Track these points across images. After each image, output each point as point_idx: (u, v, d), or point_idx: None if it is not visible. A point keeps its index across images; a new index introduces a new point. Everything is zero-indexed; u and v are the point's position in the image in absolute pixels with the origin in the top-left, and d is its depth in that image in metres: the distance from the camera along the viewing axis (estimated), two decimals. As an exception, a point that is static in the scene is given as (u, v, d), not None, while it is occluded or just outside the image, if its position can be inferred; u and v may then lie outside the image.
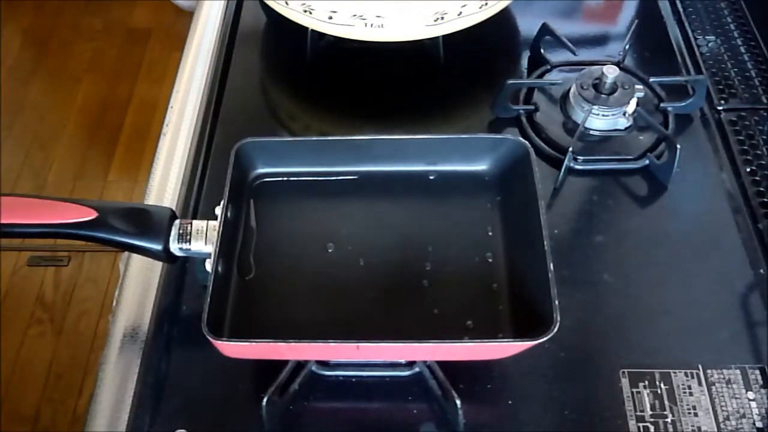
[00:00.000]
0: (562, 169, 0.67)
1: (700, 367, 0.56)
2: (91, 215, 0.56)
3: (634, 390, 0.55)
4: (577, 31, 0.83)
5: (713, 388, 0.55)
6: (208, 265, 0.56)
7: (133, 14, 2.24)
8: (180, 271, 0.63)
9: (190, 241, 0.57)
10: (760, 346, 0.58)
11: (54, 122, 1.99)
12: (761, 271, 0.62)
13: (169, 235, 0.57)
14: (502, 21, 0.82)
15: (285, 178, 0.65)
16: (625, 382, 0.56)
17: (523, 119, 0.73)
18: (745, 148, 0.71)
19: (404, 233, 0.62)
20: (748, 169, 0.69)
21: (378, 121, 0.76)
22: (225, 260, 0.57)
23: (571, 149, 0.68)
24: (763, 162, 0.70)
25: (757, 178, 0.69)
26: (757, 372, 0.56)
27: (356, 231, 0.62)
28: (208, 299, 0.51)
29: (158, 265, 0.64)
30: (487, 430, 0.55)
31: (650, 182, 0.69)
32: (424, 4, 0.70)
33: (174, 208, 0.64)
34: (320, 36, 0.78)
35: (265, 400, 0.53)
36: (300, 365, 0.56)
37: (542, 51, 0.78)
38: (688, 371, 0.56)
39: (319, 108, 0.78)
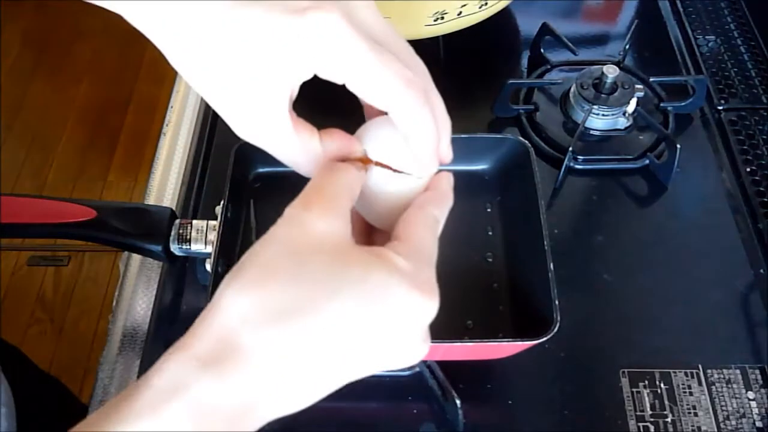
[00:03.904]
0: (562, 169, 0.67)
1: (700, 367, 0.56)
2: (90, 215, 0.56)
3: (634, 390, 0.55)
4: (577, 30, 0.83)
5: (713, 387, 0.55)
6: (208, 265, 0.56)
7: (133, 14, 2.24)
8: (180, 271, 0.63)
9: (189, 241, 0.57)
10: (760, 346, 0.58)
11: (54, 122, 1.99)
12: (761, 271, 0.62)
13: (169, 235, 0.57)
14: (502, 21, 0.82)
15: (285, 178, 0.65)
16: (625, 382, 0.56)
17: (523, 119, 0.73)
18: (745, 148, 0.71)
19: (404, 233, 0.62)
20: (748, 169, 0.69)
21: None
22: (225, 260, 0.57)
23: (571, 149, 0.68)
24: (763, 162, 0.70)
25: (757, 178, 0.69)
26: (757, 372, 0.56)
27: (356, 231, 0.62)
28: (208, 299, 0.51)
29: (158, 265, 0.64)
30: (487, 430, 0.55)
31: (650, 182, 0.69)
32: (424, 4, 0.70)
33: (174, 208, 0.64)
34: (320, 36, 0.78)
35: (265, 400, 0.53)
36: (300, 365, 0.56)
37: (542, 51, 0.78)
38: (688, 371, 0.56)
39: (319, 108, 0.78)
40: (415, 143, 0.35)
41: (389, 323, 0.31)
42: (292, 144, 0.36)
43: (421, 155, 0.36)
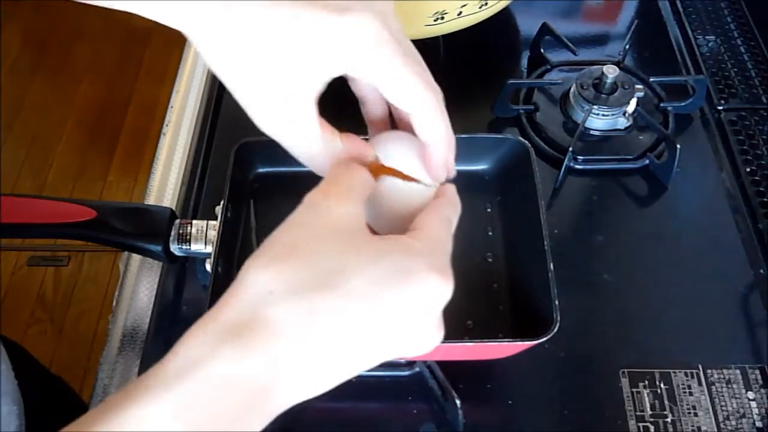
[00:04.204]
0: (562, 169, 0.67)
1: (700, 367, 0.56)
2: (90, 215, 0.56)
3: (634, 390, 0.55)
4: (577, 31, 0.83)
5: (713, 388, 0.55)
6: (208, 265, 0.56)
7: (133, 14, 2.24)
8: (180, 271, 0.63)
9: (189, 241, 0.57)
10: (760, 346, 0.58)
11: (54, 122, 1.99)
12: (761, 271, 0.62)
13: (169, 235, 0.57)
14: (502, 21, 0.82)
15: (285, 178, 0.65)
16: (625, 382, 0.56)
17: (523, 119, 0.73)
18: (745, 148, 0.71)
19: (404, 233, 0.62)
20: (748, 169, 0.69)
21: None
22: (225, 260, 0.57)
23: (571, 149, 0.68)
24: (763, 162, 0.70)
25: (757, 178, 0.69)
26: (757, 372, 0.56)
27: (356, 231, 0.62)
28: (208, 299, 0.51)
29: (158, 265, 0.64)
30: (487, 430, 0.55)
31: (650, 182, 0.69)
32: (424, 4, 0.70)
33: (174, 208, 0.64)
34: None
35: (265, 400, 0.53)
36: (300, 365, 0.56)
37: (542, 51, 0.78)
38: (688, 371, 0.56)
39: (319, 108, 0.78)
40: (431, 146, 0.38)
41: (406, 301, 0.32)
42: (315, 141, 0.37)
43: (434, 160, 0.38)
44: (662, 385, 0.55)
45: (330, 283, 0.31)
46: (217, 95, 0.78)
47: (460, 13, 0.71)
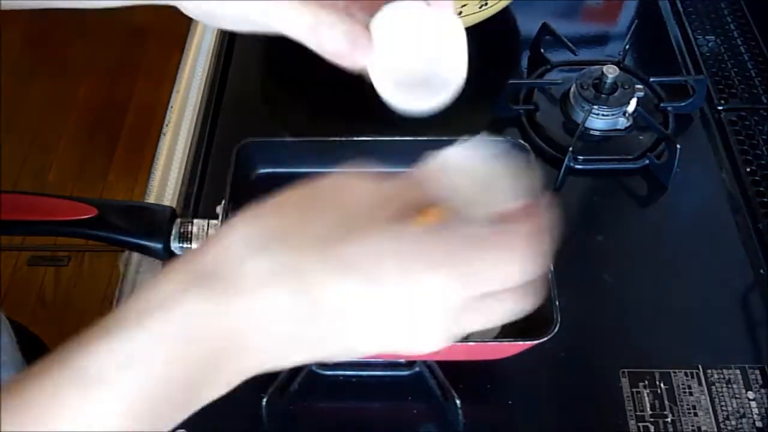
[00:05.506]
0: (562, 169, 0.67)
1: (700, 367, 0.56)
2: (92, 213, 0.56)
3: (634, 390, 0.55)
4: (577, 31, 0.83)
5: (713, 388, 0.55)
6: (209, 265, 0.56)
7: (133, 14, 2.24)
8: (180, 270, 0.63)
9: (191, 240, 0.57)
10: (760, 346, 0.58)
11: (54, 122, 1.99)
12: (761, 271, 0.62)
13: (170, 233, 0.57)
14: (502, 21, 0.82)
15: (286, 178, 0.65)
16: (625, 382, 0.56)
17: (524, 119, 0.73)
18: (745, 148, 0.71)
19: (404, 233, 0.62)
20: (748, 169, 0.69)
21: (378, 121, 0.76)
22: (225, 260, 0.57)
23: (571, 149, 0.68)
24: (763, 162, 0.70)
25: (757, 178, 0.69)
26: (757, 372, 0.56)
27: (356, 231, 0.62)
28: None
29: (158, 265, 0.64)
30: (487, 430, 0.55)
31: (650, 182, 0.69)
32: (425, 4, 0.70)
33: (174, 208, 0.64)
34: (320, 36, 0.78)
35: (265, 400, 0.53)
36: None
37: (542, 51, 0.78)
38: (688, 371, 0.56)
39: (320, 108, 0.78)
40: None
41: (407, 288, 0.29)
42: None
43: None
44: (662, 385, 0.56)
45: (317, 245, 0.29)
46: (217, 95, 0.78)
47: (460, 13, 0.71)
